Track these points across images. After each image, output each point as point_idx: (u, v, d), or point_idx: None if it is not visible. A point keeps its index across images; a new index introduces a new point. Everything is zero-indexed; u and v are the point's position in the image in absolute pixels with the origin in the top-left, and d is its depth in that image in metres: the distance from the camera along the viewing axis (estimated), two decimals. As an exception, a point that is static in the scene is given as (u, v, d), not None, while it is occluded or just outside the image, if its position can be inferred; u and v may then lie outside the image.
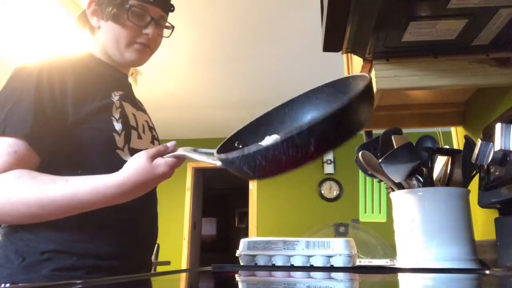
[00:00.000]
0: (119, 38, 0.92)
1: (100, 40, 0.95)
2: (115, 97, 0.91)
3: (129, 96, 0.97)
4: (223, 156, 0.58)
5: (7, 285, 0.75)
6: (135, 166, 0.75)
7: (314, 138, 0.51)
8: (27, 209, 0.73)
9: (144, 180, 0.75)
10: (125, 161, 0.87)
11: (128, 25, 0.92)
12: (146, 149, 0.94)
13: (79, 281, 0.58)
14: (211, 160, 0.66)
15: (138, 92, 1.08)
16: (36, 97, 0.78)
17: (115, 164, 0.86)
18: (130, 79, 1.05)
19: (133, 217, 0.89)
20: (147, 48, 0.96)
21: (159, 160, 0.76)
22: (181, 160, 0.78)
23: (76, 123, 0.82)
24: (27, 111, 0.76)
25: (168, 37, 1.02)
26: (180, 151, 0.76)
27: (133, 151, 0.88)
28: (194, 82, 3.93)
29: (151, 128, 1.02)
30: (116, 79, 0.96)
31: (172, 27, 1.02)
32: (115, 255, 0.84)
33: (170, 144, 0.80)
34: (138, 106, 1.01)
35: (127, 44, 0.93)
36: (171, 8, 1.00)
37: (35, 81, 0.79)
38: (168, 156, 0.77)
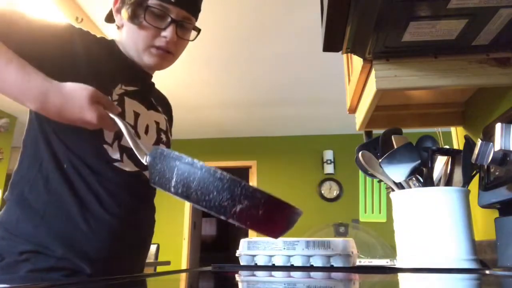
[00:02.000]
0: (137, 40, 0.89)
1: (123, 39, 0.92)
2: (119, 90, 0.88)
3: (141, 94, 0.94)
4: (166, 151, 0.57)
5: None
6: (73, 93, 0.71)
7: (249, 199, 0.52)
8: None
9: (66, 109, 0.70)
10: (113, 159, 0.85)
11: (145, 26, 0.87)
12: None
13: (77, 281, 0.58)
14: (139, 151, 0.66)
15: (138, 92, 1.07)
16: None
17: (103, 159, 0.84)
18: None
19: (122, 223, 0.85)
20: (167, 53, 0.90)
21: (98, 108, 0.71)
22: (113, 127, 0.73)
23: None
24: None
25: (193, 40, 0.95)
26: (122, 122, 0.71)
27: (124, 149, 0.86)
28: (194, 82, 3.93)
29: (161, 131, 0.98)
30: (132, 74, 0.93)
31: (198, 30, 0.94)
32: (98, 259, 0.81)
33: (117, 107, 0.77)
34: (152, 105, 0.97)
35: (145, 47, 0.89)
36: (198, 9, 0.93)
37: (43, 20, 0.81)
38: (112, 114, 0.73)
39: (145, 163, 0.64)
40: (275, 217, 0.55)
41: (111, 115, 0.73)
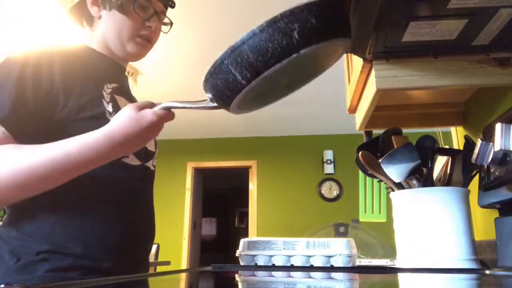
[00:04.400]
0: (122, 29, 0.92)
1: (100, 31, 0.94)
2: (108, 90, 0.89)
3: (124, 90, 0.96)
4: (211, 67, 0.56)
5: (1, 286, 0.74)
6: (122, 117, 0.73)
7: (294, 19, 0.52)
8: (15, 178, 0.69)
9: (132, 130, 0.72)
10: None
11: (133, 16, 0.92)
12: None
13: (77, 282, 0.58)
14: (200, 104, 0.67)
15: (138, 92, 1.08)
16: (18, 84, 0.76)
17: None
18: (130, 80, 1.05)
19: (130, 216, 0.88)
20: (148, 43, 0.96)
21: (146, 110, 0.73)
22: (170, 113, 0.75)
23: (67, 114, 0.80)
24: (7, 96, 0.75)
25: (166, 32, 1.02)
26: (168, 103, 0.74)
27: None
28: (194, 82, 3.92)
29: None
30: (112, 71, 0.95)
31: (171, 23, 1.02)
32: (113, 255, 0.83)
33: (156, 102, 0.78)
34: (132, 100, 0.99)
35: (130, 36, 0.93)
36: (171, 4, 1.00)
37: (19, 68, 0.78)
38: (157, 107, 0.74)
39: (211, 96, 0.62)
40: (328, 11, 0.55)
41: (160, 107, 0.74)
